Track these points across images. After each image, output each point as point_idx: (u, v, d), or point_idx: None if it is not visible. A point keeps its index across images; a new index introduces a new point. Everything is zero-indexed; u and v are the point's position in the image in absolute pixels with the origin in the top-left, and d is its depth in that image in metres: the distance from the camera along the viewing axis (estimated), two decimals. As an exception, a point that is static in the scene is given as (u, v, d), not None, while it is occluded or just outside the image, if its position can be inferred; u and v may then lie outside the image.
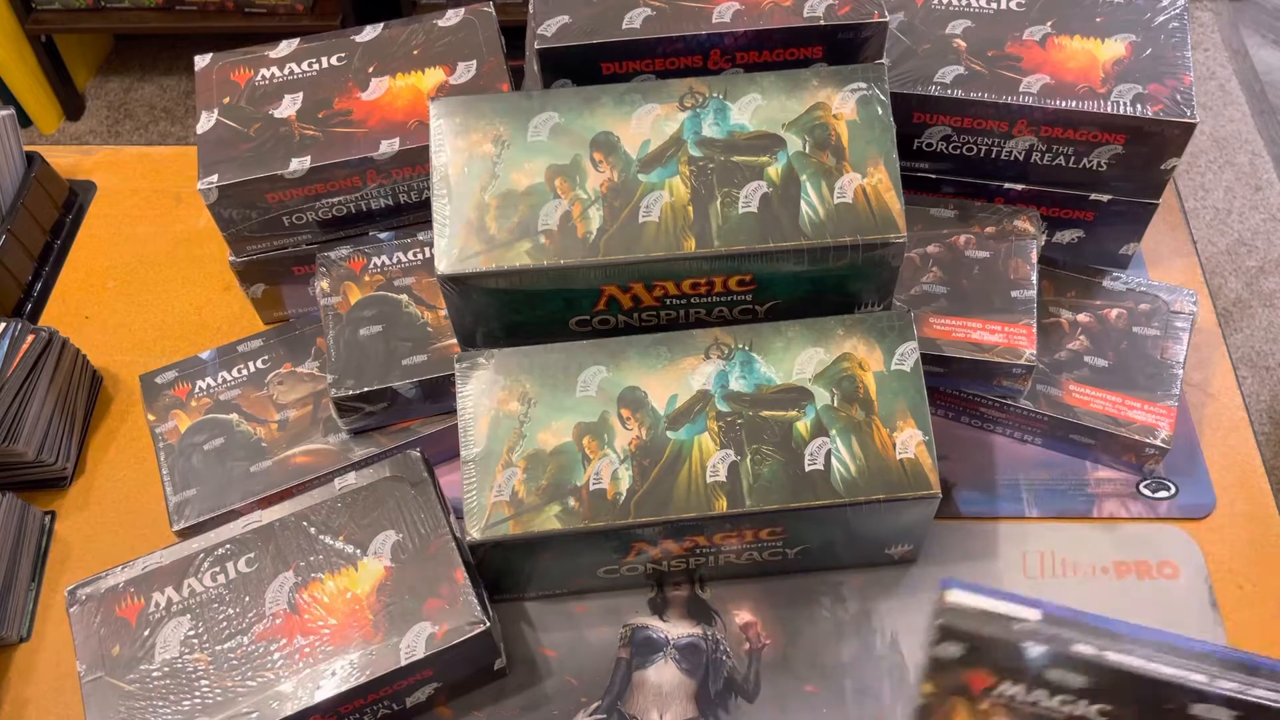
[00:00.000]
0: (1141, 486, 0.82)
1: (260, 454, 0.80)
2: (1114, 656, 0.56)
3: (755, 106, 0.71)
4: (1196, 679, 0.55)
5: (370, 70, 0.84)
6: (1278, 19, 2.33)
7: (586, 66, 0.74)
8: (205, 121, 0.82)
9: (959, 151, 0.84)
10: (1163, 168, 0.81)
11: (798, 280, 0.70)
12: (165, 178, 1.07)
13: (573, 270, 0.67)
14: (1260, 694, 0.55)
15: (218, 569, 0.69)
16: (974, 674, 0.59)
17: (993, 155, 0.83)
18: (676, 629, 0.75)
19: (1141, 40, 0.81)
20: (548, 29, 0.73)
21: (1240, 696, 0.55)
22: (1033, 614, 0.57)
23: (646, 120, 0.70)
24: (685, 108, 0.71)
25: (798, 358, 0.70)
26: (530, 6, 0.75)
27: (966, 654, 0.58)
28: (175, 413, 0.82)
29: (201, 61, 0.86)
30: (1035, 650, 0.57)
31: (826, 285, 0.70)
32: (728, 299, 0.71)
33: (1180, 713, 0.55)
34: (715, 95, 0.71)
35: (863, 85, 0.71)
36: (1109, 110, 0.78)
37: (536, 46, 0.73)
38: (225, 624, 0.67)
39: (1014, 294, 0.80)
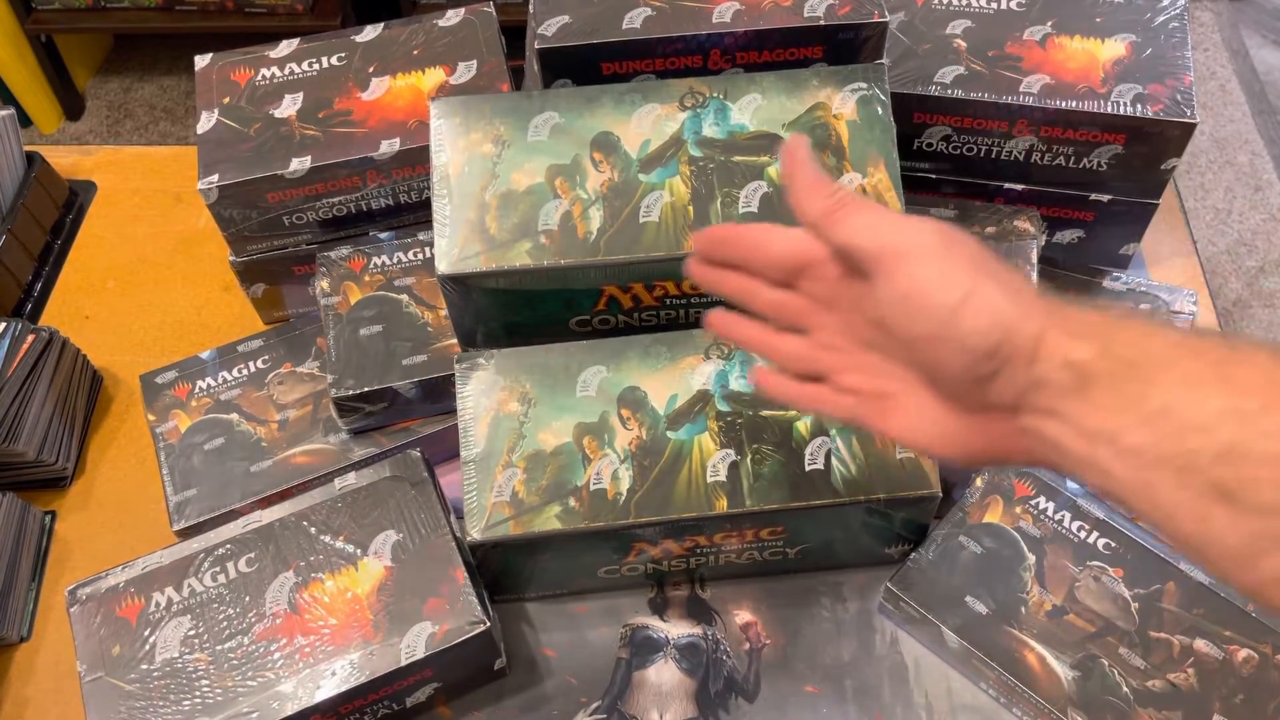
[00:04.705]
0: (1141, 486, 0.81)
1: (260, 454, 0.80)
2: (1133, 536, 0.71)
3: (755, 106, 0.71)
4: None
5: (370, 70, 0.84)
6: (1278, 19, 2.33)
7: (586, 66, 0.74)
8: (205, 121, 0.82)
9: (959, 151, 0.84)
10: (1163, 168, 0.81)
11: (798, 280, 0.70)
12: (165, 178, 1.07)
13: (573, 270, 0.67)
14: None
15: (218, 569, 0.69)
16: (1020, 482, 0.74)
17: (993, 155, 0.83)
18: (676, 629, 0.75)
19: (1141, 40, 0.81)
20: (548, 29, 0.73)
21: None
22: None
23: (647, 120, 0.70)
24: (685, 108, 0.71)
25: (798, 358, 0.70)
26: (530, 6, 0.75)
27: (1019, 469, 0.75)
28: (175, 413, 0.82)
29: (201, 61, 0.86)
30: (1073, 486, 0.73)
31: (826, 285, 0.70)
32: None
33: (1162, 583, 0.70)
34: (715, 95, 0.71)
35: (863, 85, 0.71)
36: (1109, 110, 0.78)
37: (536, 46, 0.73)
38: (225, 624, 0.67)
39: (1014, 294, 0.80)
